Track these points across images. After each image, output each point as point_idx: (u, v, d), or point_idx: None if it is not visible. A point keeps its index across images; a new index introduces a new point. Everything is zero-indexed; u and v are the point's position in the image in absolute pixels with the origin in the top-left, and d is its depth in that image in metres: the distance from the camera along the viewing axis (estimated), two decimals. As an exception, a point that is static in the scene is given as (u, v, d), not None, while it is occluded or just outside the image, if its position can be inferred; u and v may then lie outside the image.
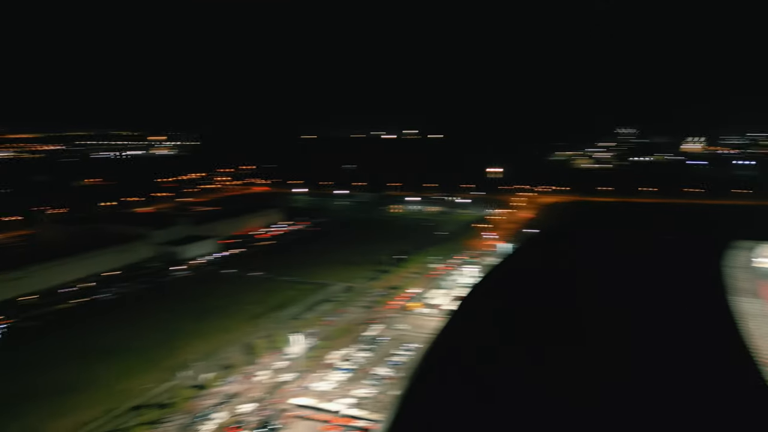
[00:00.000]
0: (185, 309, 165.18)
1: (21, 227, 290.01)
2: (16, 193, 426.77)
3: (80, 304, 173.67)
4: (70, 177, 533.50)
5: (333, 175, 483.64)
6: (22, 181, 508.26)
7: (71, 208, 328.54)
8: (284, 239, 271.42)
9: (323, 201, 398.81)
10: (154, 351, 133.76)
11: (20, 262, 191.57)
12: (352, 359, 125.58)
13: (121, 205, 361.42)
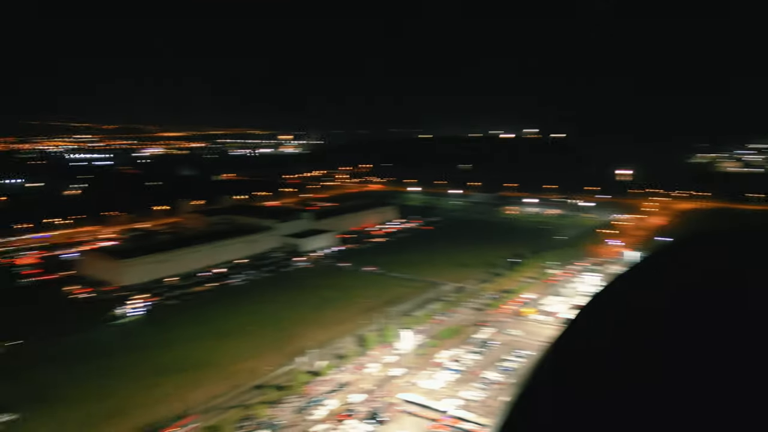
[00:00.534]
0: (304, 299, 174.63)
1: (168, 216, 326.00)
2: (165, 185, 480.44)
3: (214, 287, 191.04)
4: (210, 172, 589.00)
5: (448, 174, 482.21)
6: (170, 175, 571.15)
7: (210, 200, 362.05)
8: (397, 237, 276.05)
9: (437, 200, 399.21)
10: (275, 336, 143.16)
11: (167, 247, 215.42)
12: (461, 360, 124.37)
13: (252, 198, 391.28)
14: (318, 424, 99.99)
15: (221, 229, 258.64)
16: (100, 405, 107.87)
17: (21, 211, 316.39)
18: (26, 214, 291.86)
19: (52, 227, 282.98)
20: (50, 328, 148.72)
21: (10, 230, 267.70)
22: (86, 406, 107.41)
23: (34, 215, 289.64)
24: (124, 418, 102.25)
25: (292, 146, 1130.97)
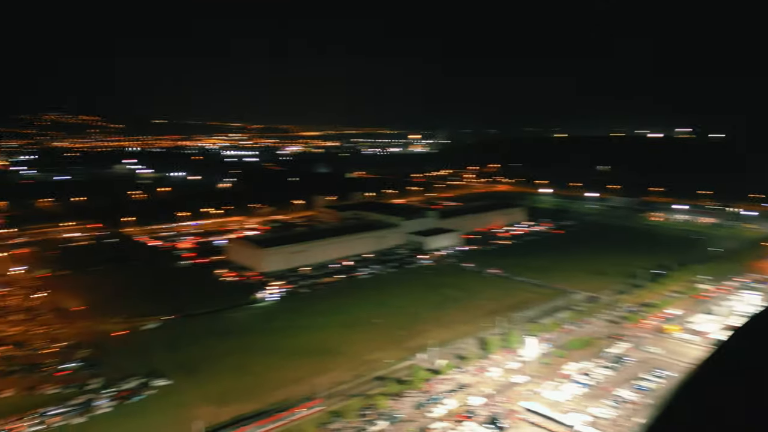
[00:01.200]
0: (427, 296, 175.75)
1: (304, 209, 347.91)
2: (302, 180, 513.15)
3: (342, 279, 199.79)
4: (343, 169, 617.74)
5: (584, 176, 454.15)
6: (307, 171, 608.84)
7: (342, 196, 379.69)
8: (525, 239, 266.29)
9: (571, 203, 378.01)
10: (397, 330, 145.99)
11: (302, 239, 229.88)
12: (591, 374, 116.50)
13: (380, 195, 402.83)
14: (436, 422, 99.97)
15: (351, 224, 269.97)
16: (239, 380, 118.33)
17: (182, 201, 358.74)
18: (186, 204, 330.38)
19: (207, 216, 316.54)
20: (201, 306, 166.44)
21: (173, 218, 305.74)
22: (227, 380, 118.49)
23: (193, 205, 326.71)
24: (258, 394, 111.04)
25: (420, 145, 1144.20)
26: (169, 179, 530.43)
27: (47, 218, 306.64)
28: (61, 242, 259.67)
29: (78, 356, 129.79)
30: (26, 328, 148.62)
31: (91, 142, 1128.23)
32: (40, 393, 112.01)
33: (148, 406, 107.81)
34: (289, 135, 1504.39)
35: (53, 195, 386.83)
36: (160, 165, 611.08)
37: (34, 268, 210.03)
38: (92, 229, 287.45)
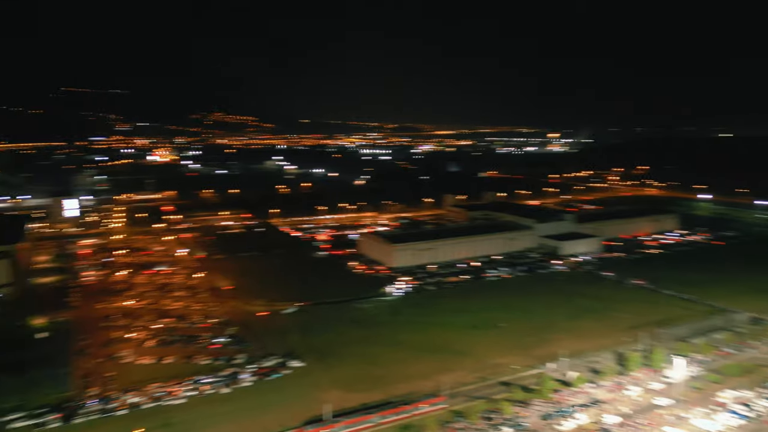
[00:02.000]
0: (559, 304, 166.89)
1: (434, 208, 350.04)
2: (433, 179, 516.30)
3: (469, 279, 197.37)
4: (474, 168, 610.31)
5: (753, 181, 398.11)
6: (438, 170, 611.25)
7: (472, 195, 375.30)
8: (676, 249, 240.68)
9: (735, 212, 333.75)
10: (525, 336, 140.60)
11: (431, 236, 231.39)
12: (752, 405, 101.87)
13: (512, 196, 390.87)
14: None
15: (481, 224, 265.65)
16: (365, 369, 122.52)
17: (321, 196, 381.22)
18: (324, 199, 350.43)
19: (343, 211, 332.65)
20: (334, 295, 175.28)
21: (313, 211, 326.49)
22: (354, 368, 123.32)
23: (330, 200, 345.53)
24: (383, 385, 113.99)
25: (559, 144, 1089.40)
26: (311, 175, 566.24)
27: (207, 207, 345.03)
28: (218, 229, 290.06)
29: (227, 332, 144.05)
30: (187, 303, 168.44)
31: (246, 140, 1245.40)
32: (196, 362, 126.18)
33: (284, 384, 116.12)
34: (422, 134, 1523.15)
35: (213, 187, 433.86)
36: (303, 162, 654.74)
37: (194, 251, 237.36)
38: (244, 218, 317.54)
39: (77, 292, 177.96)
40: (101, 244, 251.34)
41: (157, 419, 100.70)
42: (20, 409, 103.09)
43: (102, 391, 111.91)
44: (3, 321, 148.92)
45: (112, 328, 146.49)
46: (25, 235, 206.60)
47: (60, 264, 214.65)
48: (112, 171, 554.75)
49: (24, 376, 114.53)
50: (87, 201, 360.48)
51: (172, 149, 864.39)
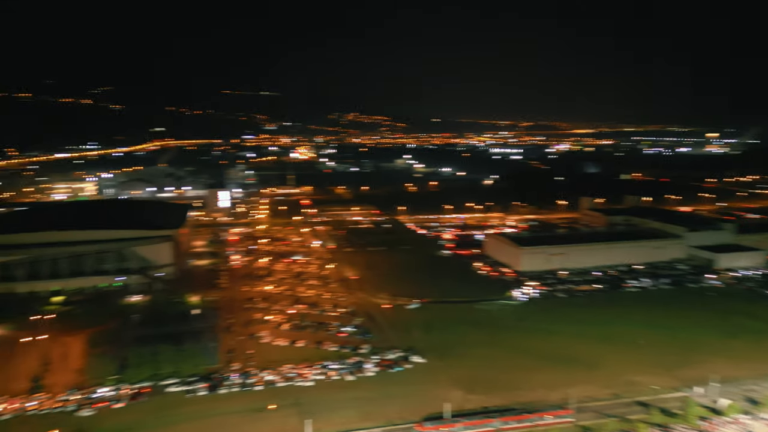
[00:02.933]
0: (712, 322, 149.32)
1: (568, 211, 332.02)
2: (569, 180, 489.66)
3: (604, 288, 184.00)
4: (615, 170, 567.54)
5: None
6: (575, 171, 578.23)
7: (611, 199, 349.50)
8: None
9: None
10: (668, 354, 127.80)
11: (563, 241, 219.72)
12: None
13: (659, 201, 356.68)
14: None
15: (621, 230, 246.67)
16: (486, 372, 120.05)
17: (448, 194, 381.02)
18: (451, 198, 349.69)
19: (469, 210, 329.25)
20: (457, 294, 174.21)
21: (439, 210, 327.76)
22: (476, 369, 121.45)
23: (457, 199, 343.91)
24: (504, 390, 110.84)
25: (718, 145, 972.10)
26: (439, 174, 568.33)
27: (340, 203, 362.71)
28: (349, 224, 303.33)
29: (354, 322, 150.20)
30: (318, 292, 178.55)
31: (379, 139, 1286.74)
32: (324, 348, 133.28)
33: (405, 378, 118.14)
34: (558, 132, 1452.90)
35: (346, 183, 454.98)
36: (432, 160, 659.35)
37: (327, 243, 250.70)
38: (373, 214, 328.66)
39: (226, 275, 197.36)
40: (247, 232, 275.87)
41: (288, 398, 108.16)
42: (175, 375, 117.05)
43: (243, 366, 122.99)
44: (164, 297, 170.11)
45: (253, 310, 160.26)
46: (186, 222, 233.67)
47: (213, 249, 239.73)
48: (259, 166, 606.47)
49: (180, 346, 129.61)
50: (237, 193, 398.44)
51: (311, 147, 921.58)
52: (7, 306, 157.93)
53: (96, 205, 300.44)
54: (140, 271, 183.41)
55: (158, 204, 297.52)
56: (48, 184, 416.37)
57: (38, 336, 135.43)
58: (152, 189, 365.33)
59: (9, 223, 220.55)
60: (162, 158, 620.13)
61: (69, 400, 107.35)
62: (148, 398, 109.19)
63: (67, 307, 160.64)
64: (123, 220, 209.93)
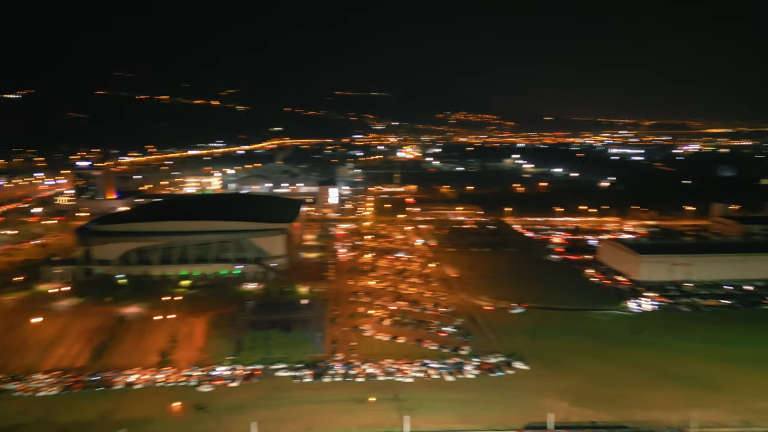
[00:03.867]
0: None
1: (696, 217, 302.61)
2: (698, 184, 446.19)
3: (736, 304, 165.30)
4: (755, 173, 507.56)
5: None
6: (705, 174, 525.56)
7: (749, 205, 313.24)
8: None
9: None
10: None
11: (689, 250, 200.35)
12: None
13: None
14: None
15: (759, 240, 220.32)
16: (595, 385, 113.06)
17: (558, 196, 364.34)
18: (562, 200, 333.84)
19: (581, 214, 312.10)
20: (565, 301, 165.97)
21: (549, 212, 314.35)
22: (584, 381, 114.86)
23: (568, 201, 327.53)
24: (615, 407, 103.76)
25: None
26: (550, 175, 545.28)
27: (444, 202, 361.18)
28: (452, 223, 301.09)
29: (455, 323, 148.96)
30: (420, 290, 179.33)
31: (486, 138, 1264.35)
32: (425, 347, 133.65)
33: (506, 384, 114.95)
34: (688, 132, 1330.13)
35: (450, 183, 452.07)
36: (542, 160, 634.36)
37: (430, 242, 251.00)
38: (477, 214, 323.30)
39: (333, 268, 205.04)
40: (354, 228, 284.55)
41: (387, 392, 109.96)
42: (284, 361, 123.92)
43: (346, 357, 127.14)
44: (276, 286, 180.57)
45: (357, 303, 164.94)
46: (298, 217, 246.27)
47: (321, 243, 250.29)
48: (367, 165, 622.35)
49: (289, 333, 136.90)
50: (346, 190, 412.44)
51: (417, 146, 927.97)
52: (143, 287, 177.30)
53: (220, 199, 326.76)
54: (256, 260, 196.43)
55: (274, 199, 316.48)
56: (180, 178, 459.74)
57: (168, 315, 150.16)
58: (269, 185, 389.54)
59: (147, 213, 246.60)
60: (279, 156, 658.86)
61: (192, 375, 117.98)
62: (258, 380, 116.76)
63: (192, 291, 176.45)
64: (243, 213, 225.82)
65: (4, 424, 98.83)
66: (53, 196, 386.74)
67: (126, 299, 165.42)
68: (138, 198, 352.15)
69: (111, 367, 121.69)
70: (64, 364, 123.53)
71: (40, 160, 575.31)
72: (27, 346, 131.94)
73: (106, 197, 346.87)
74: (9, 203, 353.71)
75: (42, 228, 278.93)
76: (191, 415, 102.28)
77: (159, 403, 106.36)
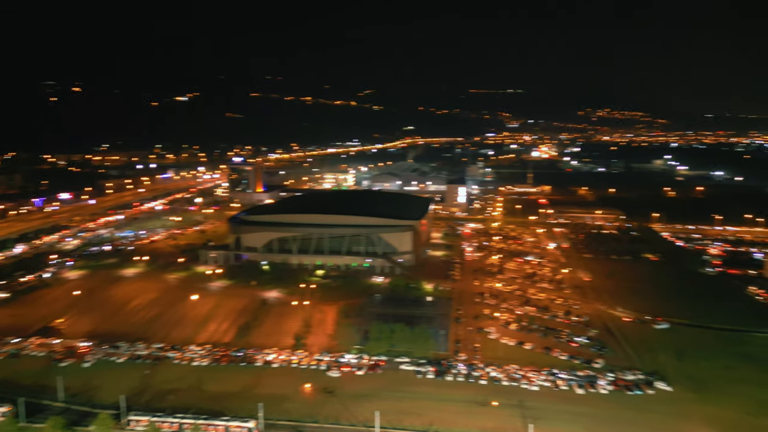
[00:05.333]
0: None
1: None
2: None
3: None
4: None
5: None
6: None
7: None
8: None
9: None
10: None
11: None
12: None
13: None
14: None
15: None
16: (758, 417, 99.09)
17: (717, 203, 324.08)
18: (721, 207, 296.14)
19: (746, 223, 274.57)
20: (721, 320, 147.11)
21: (706, 219, 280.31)
22: (741, 411, 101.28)
23: (729, 209, 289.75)
24: None
25: None
26: (708, 178, 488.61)
27: (581, 204, 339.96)
28: (589, 228, 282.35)
29: (588, 333, 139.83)
30: (550, 296, 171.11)
31: (632, 137, 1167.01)
32: (554, 356, 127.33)
33: (644, 404, 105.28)
34: None
35: (589, 184, 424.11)
36: (699, 162, 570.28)
37: (563, 246, 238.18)
38: (619, 219, 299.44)
39: (458, 268, 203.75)
40: (482, 228, 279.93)
41: (511, 398, 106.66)
42: (407, 355, 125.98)
43: (469, 358, 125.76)
44: (403, 281, 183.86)
45: (482, 305, 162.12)
46: (426, 215, 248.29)
47: (448, 242, 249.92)
48: (498, 164, 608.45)
49: (413, 329, 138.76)
50: (475, 189, 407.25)
51: (554, 145, 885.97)
52: (283, 274, 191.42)
53: (353, 195, 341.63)
54: (384, 255, 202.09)
55: (403, 196, 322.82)
56: (319, 174, 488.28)
57: (303, 302, 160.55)
58: (399, 182, 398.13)
59: (288, 206, 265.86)
60: (410, 155, 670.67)
61: (322, 360, 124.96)
62: (383, 371, 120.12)
63: (325, 280, 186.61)
64: (374, 209, 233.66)
65: (165, 387, 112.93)
66: (212, 188, 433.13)
67: (268, 284, 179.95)
68: (282, 192, 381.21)
69: (253, 345, 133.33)
70: (214, 339, 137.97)
71: (202, 156, 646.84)
72: (185, 320, 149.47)
73: (255, 190, 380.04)
74: (176, 193, 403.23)
75: (202, 216, 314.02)
76: (320, 398, 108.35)
77: (293, 383, 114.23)
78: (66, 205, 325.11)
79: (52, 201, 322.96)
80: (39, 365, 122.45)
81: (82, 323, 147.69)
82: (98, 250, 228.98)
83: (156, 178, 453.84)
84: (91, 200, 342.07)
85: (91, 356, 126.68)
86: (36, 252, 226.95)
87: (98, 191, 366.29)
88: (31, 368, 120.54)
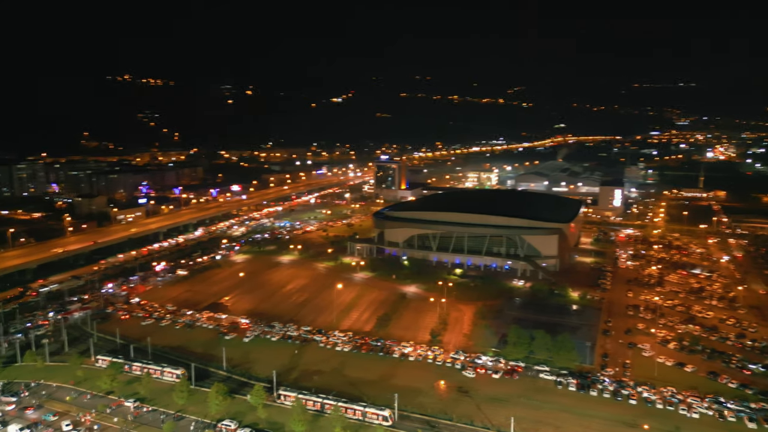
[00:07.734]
0: None
1: None
2: None
3: None
4: None
5: None
6: None
7: None
8: None
9: None
10: None
11: None
12: None
13: None
14: None
15: None
16: None
17: None
18: None
19: None
20: None
21: None
22: None
23: None
24: None
25: None
26: None
27: (764, 213, 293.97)
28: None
29: (765, 362, 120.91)
30: (720, 315, 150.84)
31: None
32: (721, 382, 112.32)
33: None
34: None
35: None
36: None
37: (739, 259, 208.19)
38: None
39: (610, 276, 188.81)
40: (640, 235, 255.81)
41: (666, 423, 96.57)
42: (547, 363, 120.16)
43: (618, 374, 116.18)
44: (546, 286, 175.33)
45: (636, 319, 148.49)
46: (576, 218, 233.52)
47: (599, 248, 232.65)
48: (663, 165, 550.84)
49: (555, 336, 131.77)
50: (633, 192, 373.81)
51: (732, 145, 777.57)
52: (422, 269, 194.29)
53: (496, 194, 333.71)
54: (527, 258, 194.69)
55: (551, 197, 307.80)
56: (462, 173, 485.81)
57: (441, 299, 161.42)
58: (546, 183, 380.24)
59: (430, 203, 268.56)
60: (560, 153, 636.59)
61: (457, 359, 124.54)
62: (520, 377, 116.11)
63: (463, 279, 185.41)
64: (517, 209, 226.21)
65: (311, 367, 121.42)
66: (360, 184, 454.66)
67: (407, 279, 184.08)
68: (424, 189, 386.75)
69: (391, 336, 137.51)
70: (356, 327, 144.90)
71: (353, 154, 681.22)
72: (330, 306, 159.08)
73: (399, 187, 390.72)
74: (328, 188, 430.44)
75: (350, 210, 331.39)
76: (454, 396, 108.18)
77: (427, 377, 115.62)
78: (236, 196, 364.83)
79: (225, 192, 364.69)
80: (208, 336, 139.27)
81: (244, 302, 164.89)
82: (260, 237, 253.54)
83: (312, 174, 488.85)
84: (254, 192, 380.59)
85: (251, 332, 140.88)
86: (210, 236, 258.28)
87: (262, 184, 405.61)
88: (202, 338, 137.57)
